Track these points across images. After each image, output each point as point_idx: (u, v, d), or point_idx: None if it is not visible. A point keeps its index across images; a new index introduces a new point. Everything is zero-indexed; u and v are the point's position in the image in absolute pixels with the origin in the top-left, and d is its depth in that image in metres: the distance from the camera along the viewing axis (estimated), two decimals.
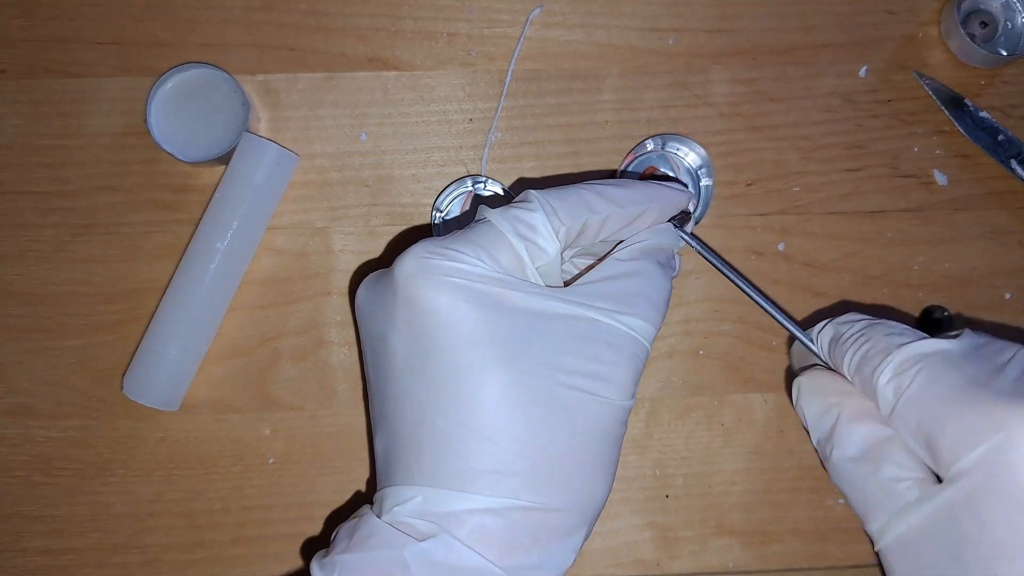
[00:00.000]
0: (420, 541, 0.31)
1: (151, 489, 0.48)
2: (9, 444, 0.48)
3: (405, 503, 0.32)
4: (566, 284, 0.36)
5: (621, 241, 0.37)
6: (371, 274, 0.37)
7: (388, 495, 0.33)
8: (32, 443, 0.48)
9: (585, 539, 0.34)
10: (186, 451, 0.48)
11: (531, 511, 0.31)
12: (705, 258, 0.41)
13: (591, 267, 0.36)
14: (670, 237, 0.38)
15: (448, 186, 0.49)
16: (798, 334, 0.40)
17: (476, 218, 0.36)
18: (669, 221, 0.39)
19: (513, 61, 0.50)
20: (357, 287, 0.38)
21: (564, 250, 0.35)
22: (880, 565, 0.35)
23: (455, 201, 0.48)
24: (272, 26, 0.50)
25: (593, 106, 0.51)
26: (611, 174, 0.50)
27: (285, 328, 0.49)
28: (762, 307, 0.41)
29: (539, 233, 0.34)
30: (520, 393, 0.31)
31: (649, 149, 0.49)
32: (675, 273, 0.38)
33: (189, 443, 0.48)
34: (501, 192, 0.48)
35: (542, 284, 0.34)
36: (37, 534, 0.48)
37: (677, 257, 0.39)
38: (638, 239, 0.37)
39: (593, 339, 0.32)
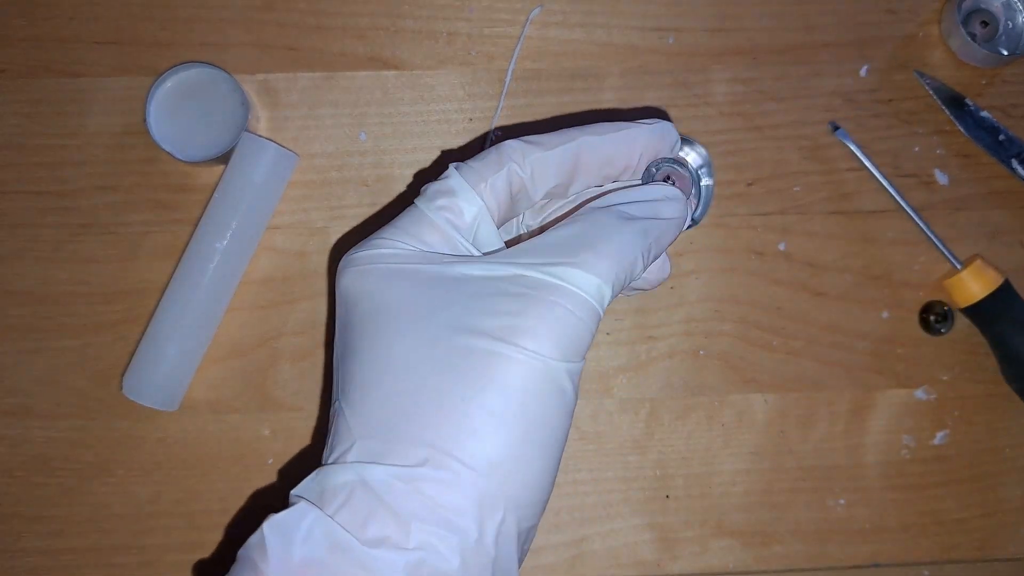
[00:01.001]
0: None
1: (150, 489, 0.48)
2: (8, 444, 0.48)
3: (336, 474, 0.29)
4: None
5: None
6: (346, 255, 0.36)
7: (325, 471, 0.30)
8: (31, 443, 0.48)
9: (502, 525, 0.28)
10: (185, 451, 0.48)
11: (434, 480, 0.28)
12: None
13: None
14: (650, 190, 0.34)
15: None
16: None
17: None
18: (655, 172, 0.35)
19: (513, 60, 0.50)
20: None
21: (506, 210, 0.33)
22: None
23: None
24: (271, 25, 0.50)
25: (593, 105, 0.50)
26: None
27: (284, 328, 0.49)
28: None
29: (458, 195, 0.32)
30: (422, 354, 0.29)
31: None
32: (669, 228, 0.33)
33: (188, 443, 0.48)
34: None
35: (474, 252, 0.32)
36: (36, 534, 0.48)
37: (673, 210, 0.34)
38: (604, 197, 0.33)
39: (509, 294, 0.29)
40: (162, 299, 0.47)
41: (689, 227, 0.48)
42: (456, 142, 0.50)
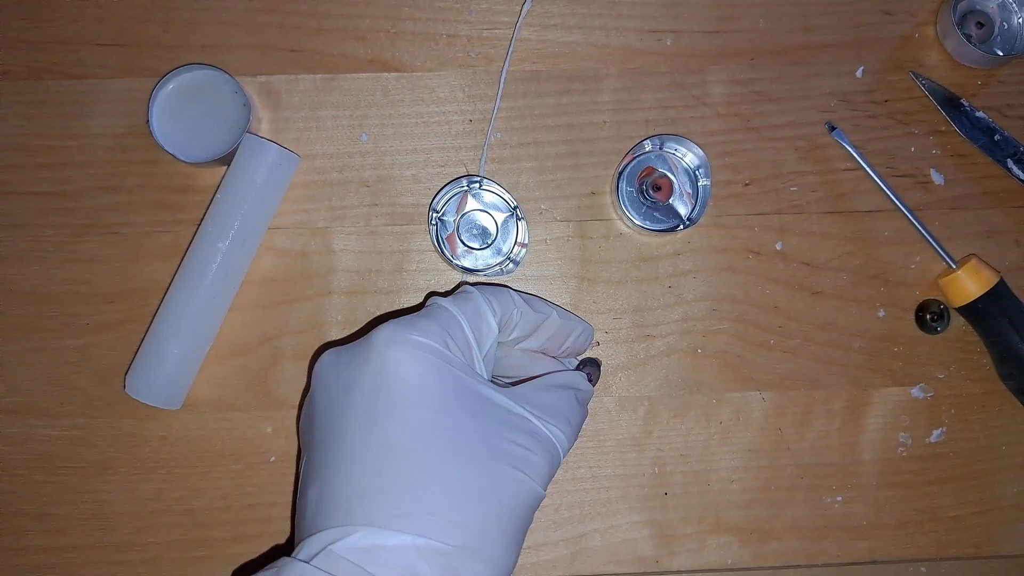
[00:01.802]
0: None
1: (152, 487, 0.48)
2: (11, 443, 0.48)
3: (341, 540, 0.33)
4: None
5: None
6: (336, 348, 0.39)
7: (320, 538, 0.33)
8: (34, 442, 0.48)
9: None
10: (187, 449, 0.48)
11: (452, 557, 0.33)
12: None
13: (520, 382, 0.41)
14: (583, 384, 0.43)
15: (444, 187, 0.49)
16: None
17: (428, 305, 0.40)
18: (583, 371, 0.45)
19: (507, 59, 0.51)
20: (317, 358, 0.40)
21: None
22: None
23: (451, 202, 0.48)
24: (273, 27, 0.51)
25: (591, 107, 0.51)
26: (609, 175, 0.50)
27: (286, 327, 0.49)
28: None
29: (483, 317, 0.39)
30: (462, 457, 0.35)
31: (647, 149, 0.49)
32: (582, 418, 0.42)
33: (191, 441, 0.49)
34: (497, 191, 0.48)
35: (485, 375, 0.39)
36: (39, 532, 0.48)
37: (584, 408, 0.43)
38: (559, 376, 0.42)
39: (524, 431, 0.37)
40: (165, 298, 0.47)
41: (687, 227, 0.49)
42: (456, 143, 0.50)
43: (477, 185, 0.48)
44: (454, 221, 0.48)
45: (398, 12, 0.51)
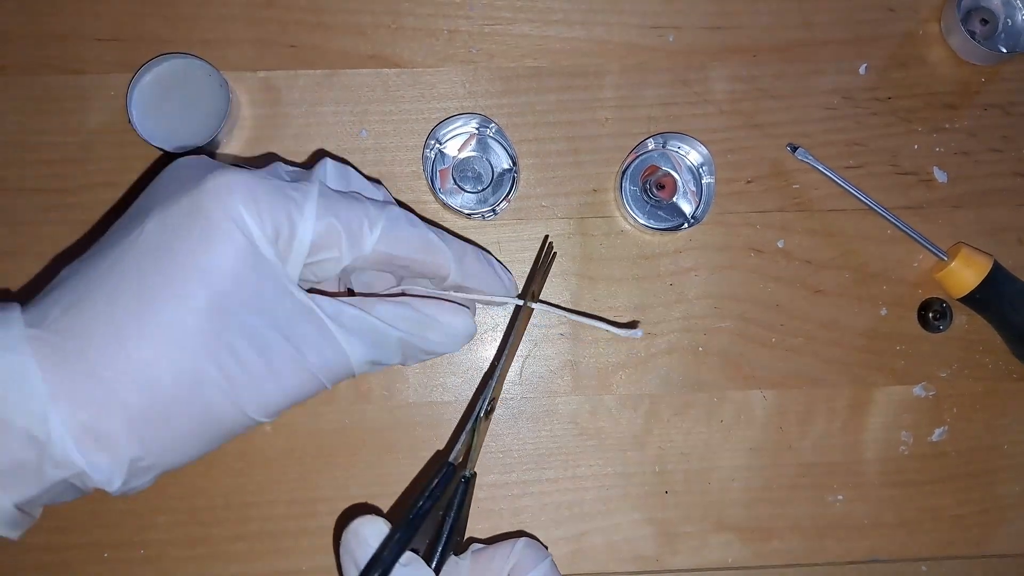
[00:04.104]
0: None
1: (153, 485, 0.48)
2: None
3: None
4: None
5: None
6: (187, 159, 0.36)
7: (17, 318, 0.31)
8: None
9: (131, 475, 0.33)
10: None
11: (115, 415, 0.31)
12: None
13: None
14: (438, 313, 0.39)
15: (451, 118, 0.48)
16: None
17: (315, 167, 0.37)
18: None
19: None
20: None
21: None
22: None
23: (455, 139, 0.48)
24: (273, 23, 0.50)
25: (593, 103, 0.51)
26: (611, 172, 0.50)
27: None
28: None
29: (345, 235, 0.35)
30: (195, 340, 0.31)
31: (650, 148, 0.49)
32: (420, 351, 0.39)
33: None
34: (504, 144, 0.48)
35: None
36: (39, 530, 0.48)
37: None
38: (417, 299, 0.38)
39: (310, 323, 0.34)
40: None
41: (692, 225, 0.48)
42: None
43: (488, 129, 0.49)
44: (453, 158, 0.48)
45: (399, 7, 0.51)
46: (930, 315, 0.50)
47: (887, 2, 0.52)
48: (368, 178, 0.40)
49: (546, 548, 0.39)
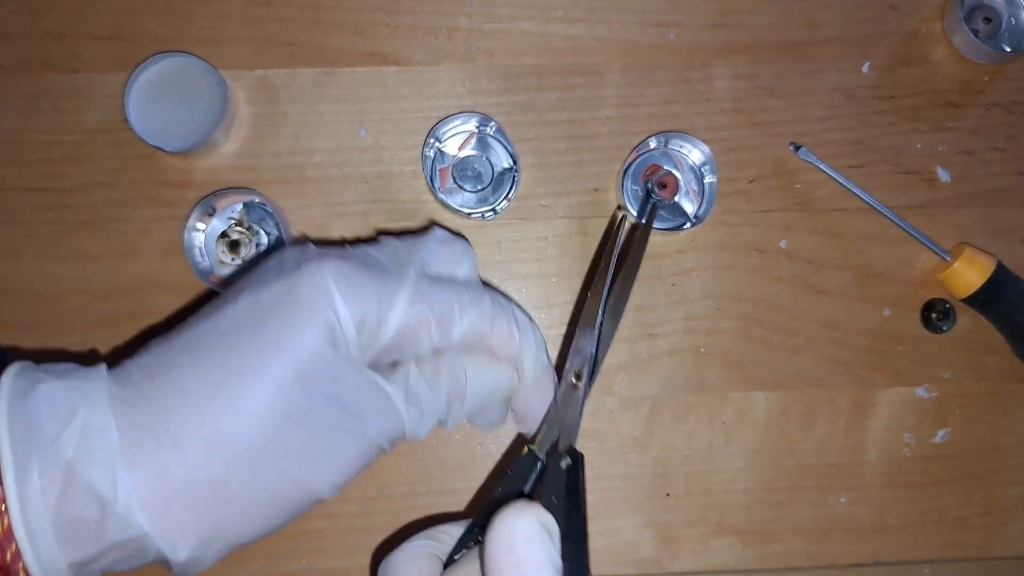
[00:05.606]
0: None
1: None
2: None
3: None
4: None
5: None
6: (292, 248, 0.36)
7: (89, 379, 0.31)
8: None
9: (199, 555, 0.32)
10: None
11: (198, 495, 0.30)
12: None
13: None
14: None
15: (450, 116, 0.48)
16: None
17: (423, 238, 0.37)
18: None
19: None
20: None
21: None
22: None
23: (455, 138, 0.48)
24: (270, 21, 0.50)
25: (594, 102, 0.50)
26: (612, 171, 0.50)
27: None
28: None
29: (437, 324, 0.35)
30: (273, 413, 0.31)
31: (652, 147, 0.49)
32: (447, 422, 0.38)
33: None
34: (504, 143, 0.48)
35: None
36: None
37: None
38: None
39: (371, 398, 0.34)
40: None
41: (694, 225, 0.48)
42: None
43: (487, 128, 0.48)
44: (453, 157, 0.48)
45: (398, 5, 0.50)
46: (933, 316, 0.50)
47: (890, 1, 0.52)
48: (453, 233, 0.39)
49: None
